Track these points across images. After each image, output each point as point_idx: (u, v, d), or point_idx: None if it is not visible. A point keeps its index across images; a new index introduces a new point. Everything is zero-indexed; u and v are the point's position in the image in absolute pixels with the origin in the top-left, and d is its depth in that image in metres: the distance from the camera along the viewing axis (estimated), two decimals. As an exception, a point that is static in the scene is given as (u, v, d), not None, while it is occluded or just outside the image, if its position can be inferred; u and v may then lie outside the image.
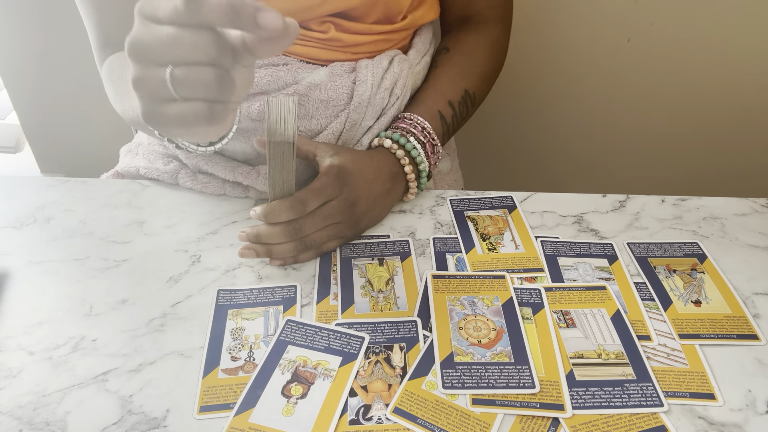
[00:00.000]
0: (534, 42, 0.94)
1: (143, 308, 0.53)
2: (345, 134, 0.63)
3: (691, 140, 1.01)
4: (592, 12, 0.90)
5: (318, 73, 0.61)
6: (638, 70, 0.95)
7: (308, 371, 0.47)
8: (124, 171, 0.73)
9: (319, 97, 0.61)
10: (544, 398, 0.45)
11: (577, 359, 0.48)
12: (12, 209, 0.64)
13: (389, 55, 0.65)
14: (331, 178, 0.56)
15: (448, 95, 0.66)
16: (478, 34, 0.72)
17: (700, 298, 0.54)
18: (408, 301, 0.54)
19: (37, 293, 0.54)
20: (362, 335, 0.50)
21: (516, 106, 1.03)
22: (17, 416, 0.44)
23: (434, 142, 0.63)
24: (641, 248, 0.59)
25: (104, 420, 0.44)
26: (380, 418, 0.44)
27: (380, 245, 0.60)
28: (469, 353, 0.48)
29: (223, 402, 0.45)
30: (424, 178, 0.63)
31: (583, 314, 0.52)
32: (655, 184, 1.07)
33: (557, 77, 0.98)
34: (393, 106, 0.64)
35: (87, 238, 0.60)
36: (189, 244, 0.60)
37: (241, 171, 0.63)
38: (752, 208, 0.65)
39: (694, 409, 0.45)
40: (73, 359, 0.49)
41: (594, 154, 1.07)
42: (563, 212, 0.64)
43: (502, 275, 0.56)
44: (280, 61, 0.60)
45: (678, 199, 0.66)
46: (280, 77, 0.60)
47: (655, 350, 0.49)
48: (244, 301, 0.54)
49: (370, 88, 0.62)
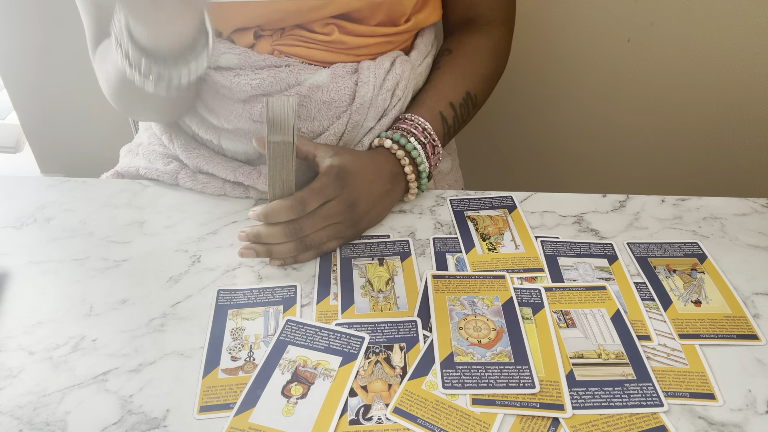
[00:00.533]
0: (534, 42, 0.94)
1: (143, 308, 0.53)
2: (347, 135, 0.63)
3: (691, 140, 1.01)
4: (592, 12, 0.90)
5: (320, 75, 0.61)
6: (638, 70, 0.95)
7: (308, 371, 0.47)
8: (124, 171, 0.73)
9: (321, 99, 0.61)
10: (544, 398, 0.45)
11: (577, 359, 0.48)
12: (12, 209, 0.64)
13: (391, 56, 0.65)
14: (331, 178, 0.56)
15: (450, 96, 0.66)
16: (480, 36, 0.72)
17: (700, 298, 0.54)
18: (408, 301, 0.54)
19: (37, 293, 0.54)
20: (362, 335, 0.50)
21: (516, 106, 1.03)
22: (17, 416, 0.44)
23: (435, 143, 0.63)
24: (641, 248, 0.59)
25: (104, 420, 0.44)
26: (380, 418, 0.44)
27: (380, 245, 0.60)
28: (469, 353, 0.48)
29: (223, 402, 0.45)
30: (424, 179, 0.63)
31: (583, 314, 0.52)
32: (655, 184, 1.07)
33: (557, 77, 0.98)
34: (395, 108, 0.64)
35: (87, 238, 0.60)
36: (189, 244, 0.60)
37: (242, 171, 0.63)
38: (752, 208, 0.65)
39: (694, 409, 0.45)
40: (73, 359, 0.49)
41: (594, 154, 1.07)
42: (563, 212, 0.64)
43: (502, 275, 0.56)
44: (282, 63, 0.60)
45: (678, 199, 0.66)
46: (282, 78, 0.60)
47: (655, 350, 0.49)
48: (244, 301, 0.54)
49: (372, 90, 0.62)
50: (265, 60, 0.60)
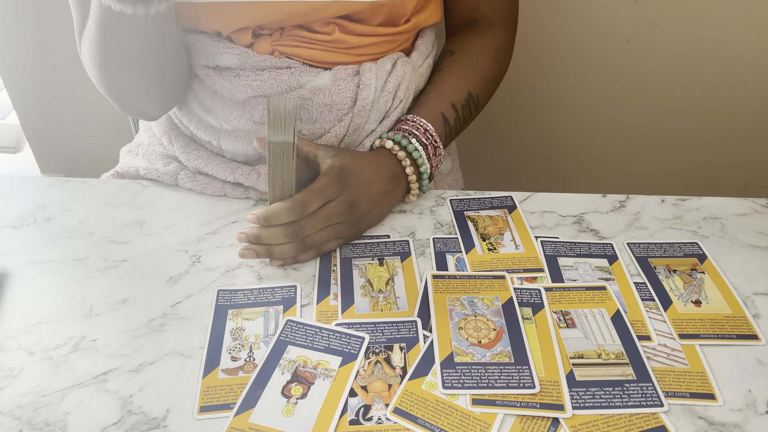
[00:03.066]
0: (534, 42, 0.94)
1: (143, 308, 0.53)
2: (348, 137, 0.63)
3: (691, 140, 1.01)
4: (592, 12, 0.90)
5: (322, 77, 0.61)
6: (638, 70, 0.95)
7: (308, 371, 0.47)
8: (124, 171, 0.72)
9: (323, 101, 0.61)
10: (544, 398, 0.45)
11: (577, 359, 0.48)
12: (12, 209, 0.64)
13: (392, 58, 0.65)
14: (332, 179, 0.56)
15: (452, 98, 0.66)
16: (482, 37, 0.71)
17: (700, 298, 0.54)
18: (408, 301, 0.54)
19: (37, 293, 0.54)
20: (362, 335, 0.50)
21: (516, 106, 1.03)
22: (17, 416, 0.44)
23: (436, 144, 0.63)
24: (641, 248, 0.59)
25: (104, 420, 0.44)
26: (380, 418, 0.44)
27: (380, 245, 0.60)
28: (469, 353, 0.48)
29: (223, 402, 0.45)
30: (425, 180, 0.63)
31: (583, 314, 0.52)
32: (655, 184, 1.07)
33: (557, 77, 0.98)
34: (396, 109, 0.64)
35: (87, 238, 0.60)
36: (189, 244, 0.60)
37: (242, 172, 0.63)
38: (752, 208, 0.65)
39: (694, 409, 0.45)
40: (73, 359, 0.49)
41: (594, 153, 1.07)
42: (563, 212, 0.64)
43: (502, 275, 0.56)
44: (284, 65, 0.60)
45: (678, 199, 0.66)
46: (284, 81, 0.60)
47: (655, 350, 0.49)
48: (244, 301, 0.54)
49: (374, 92, 0.62)
50: (266, 61, 0.60)
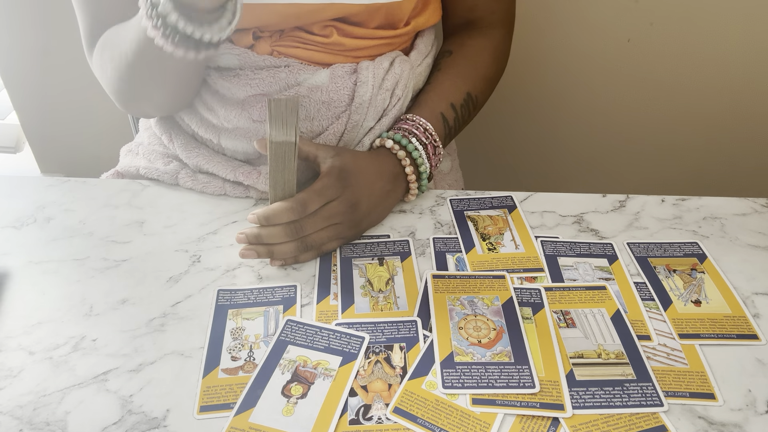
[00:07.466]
0: (534, 42, 0.94)
1: (143, 308, 0.53)
2: (346, 135, 0.63)
3: (692, 140, 1.01)
4: (592, 12, 0.90)
5: (319, 75, 0.61)
6: (638, 70, 0.95)
7: (308, 371, 0.47)
8: (124, 171, 0.72)
9: (320, 99, 0.61)
10: (544, 398, 0.45)
11: (577, 359, 0.48)
12: (12, 209, 0.64)
13: (390, 56, 0.65)
14: (333, 179, 0.56)
15: (451, 97, 0.66)
16: (481, 38, 0.72)
17: (700, 298, 0.54)
18: (408, 301, 0.54)
19: (37, 293, 0.54)
20: (362, 335, 0.50)
21: (516, 106, 1.03)
22: (17, 416, 0.44)
23: (436, 144, 0.63)
24: (641, 248, 0.59)
25: (104, 420, 0.44)
26: (380, 418, 0.44)
27: (380, 245, 0.60)
28: (469, 353, 0.48)
29: (223, 402, 0.45)
30: (425, 179, 0.63)
31: (583, 314, 0.52)
32: (655, 184, 1.07)
33: (557, 77, 0.98)
34: (394, 107, 0.64)
35: (87, 238, 0.60)
36: (189, 244, 0.60)
37: (242, 171, 0.63)
38: (752, 208, 0.65)
39: (694, 409, 0.45)
40: (73, 359, 0.49)
41: (594, 154, 1.07)
42: (563, 212, 0.64)
43: (502, 275, 0.56)
44: (282, 63, 0.60)
45: (678, 199, 0.66)
46: (281, 79, 0.60)
47: (655, 350, 0.49)
48: (244, 301, 0.54)
49: (371, 90, 0.62)
50: (265, 60, 0.60)
